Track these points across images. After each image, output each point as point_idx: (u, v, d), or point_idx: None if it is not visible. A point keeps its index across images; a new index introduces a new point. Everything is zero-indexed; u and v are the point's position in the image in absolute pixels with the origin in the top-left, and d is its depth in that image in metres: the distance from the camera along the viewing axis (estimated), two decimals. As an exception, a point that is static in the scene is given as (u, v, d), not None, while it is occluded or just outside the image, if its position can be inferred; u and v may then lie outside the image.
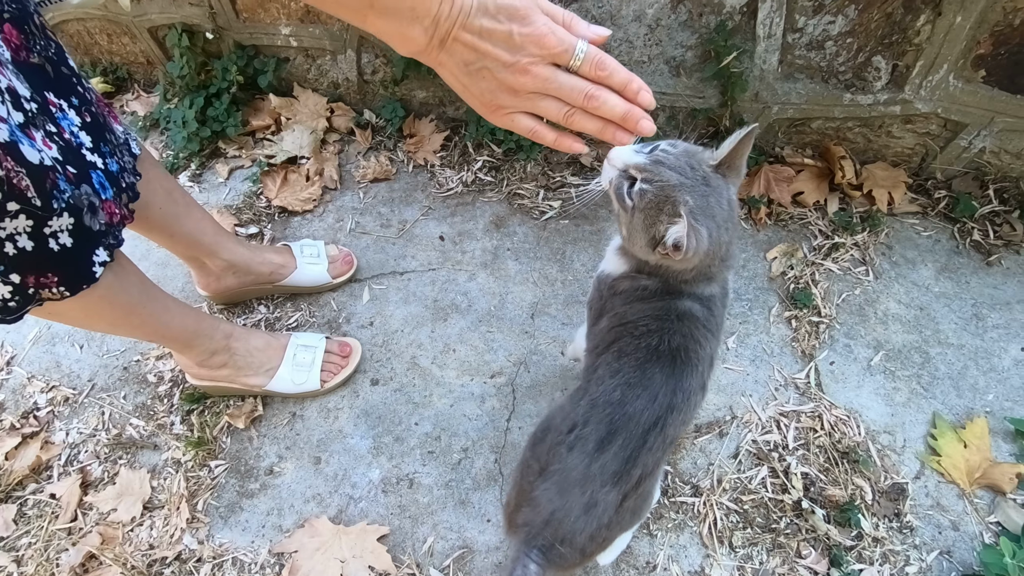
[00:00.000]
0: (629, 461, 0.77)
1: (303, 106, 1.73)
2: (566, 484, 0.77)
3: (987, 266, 1.39)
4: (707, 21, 1.31)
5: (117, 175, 0.87)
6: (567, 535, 0.77)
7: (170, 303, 1.04)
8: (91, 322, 0.95)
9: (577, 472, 0.77)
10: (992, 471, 1.10)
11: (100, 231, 0.80)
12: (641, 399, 0.78)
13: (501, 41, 0.58)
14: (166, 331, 1.04)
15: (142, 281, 0.95)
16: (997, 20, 1.16)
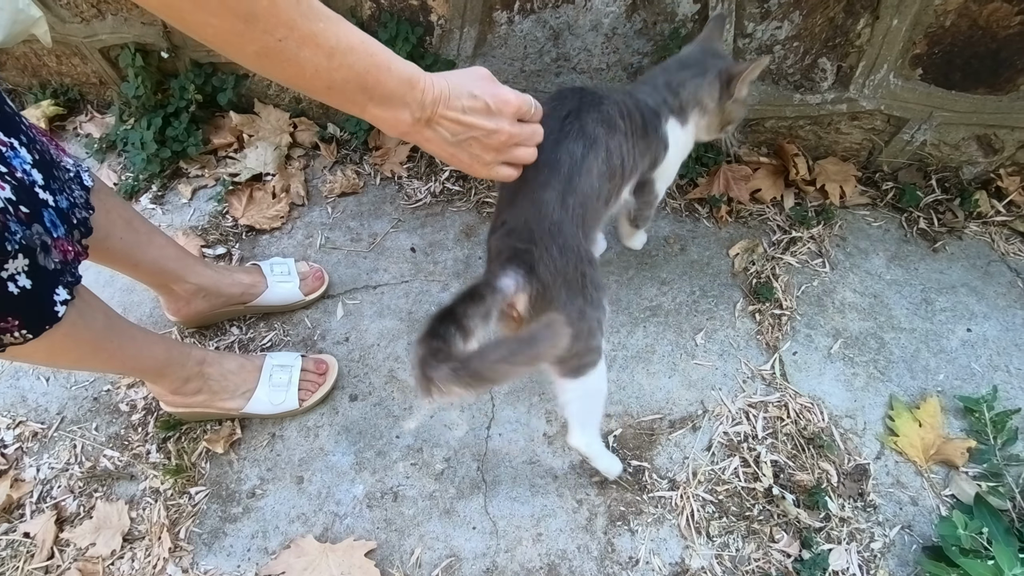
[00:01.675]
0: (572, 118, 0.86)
1: (265, 122, 1.72)
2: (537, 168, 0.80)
3: (933, 252, 1.47)
4: (661, 29, 1.35)
5: (67, 211, 0.86)
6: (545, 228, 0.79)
7: (137, 334, 1.02)
8: (56, 360, 0.94)
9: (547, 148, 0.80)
10: (945, 447, 1.17)
11: (56, 270, 0.79)
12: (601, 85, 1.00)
13: (482, 113, 0.69)
14: (135, 363, 1.03)
15: (107, 314, 0.94)
16: (930, 22, 1.23)
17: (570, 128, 0.85)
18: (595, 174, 0.85)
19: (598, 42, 1.40)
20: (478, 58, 1.48)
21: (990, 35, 1.23)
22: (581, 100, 0.88)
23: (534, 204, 0.80)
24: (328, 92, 0.61)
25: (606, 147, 0.87)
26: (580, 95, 0.90)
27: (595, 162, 0.85)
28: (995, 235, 1.49)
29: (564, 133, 0.84)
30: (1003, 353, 1.31)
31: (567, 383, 0.90)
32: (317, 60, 0.58)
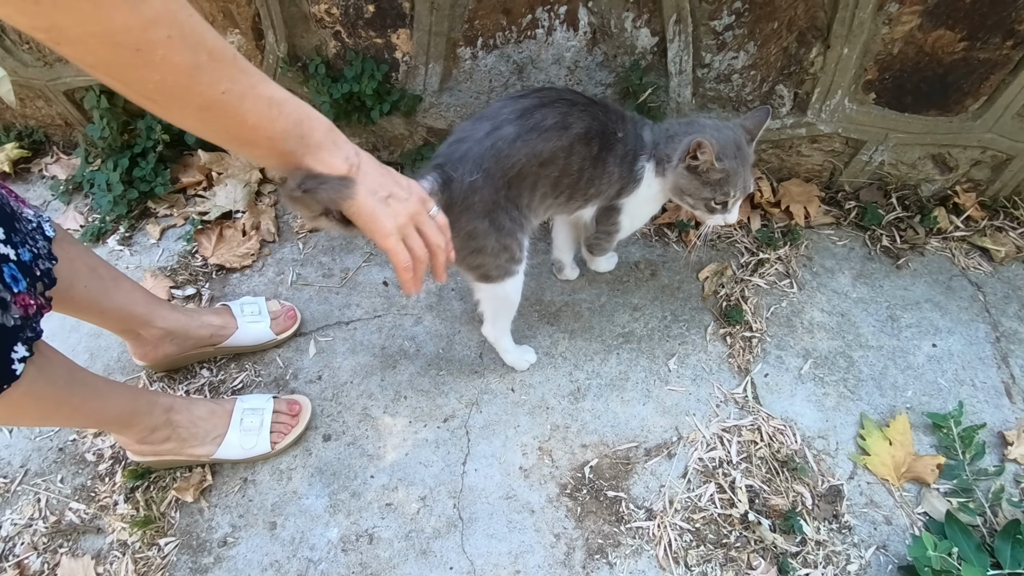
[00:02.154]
0: (536, 106, 0.99)
1: (235, 159, 1.72)
2: (480, 118, 1.00)
3: (897, 269, 1.50)
4: (622, 61, 1.38)
5: (30, 264, 0.85)
6: (466, 152, 0.97)
7: (102, 386, 1.01)
8: (16, 419, 0.92)
9: (493, 110, 1.01)
10: (916, 465, 1.18)
11: (15, 326, 0.78)
12: (570, 90, 1.06)
13: (396, 180, 0.75)
14: (100, 416, 1.01)
15: (69, 369, 0.93)
16: (879, 50, 1.27)
17: (533, 109, 0.99)
18: (534, 156, 0.99)
19: (561, 75, 1.42)
20: (444, 92, 1.50)
21: (936, 61, 1.27)
22: (561, 97, 1.02)
23: (478, 144, 0.97)
24: (269, 144, 0.62)
25: (557, 144, 1.00)
26: (570, 96, 1.03)
27: (538, 146, 0.99)
28: (955, 250, 1.52)
29: (527, 110, 0.99)
30: (968, 367, 1.33)
31: (479, 285, 1.12)
32: (259, 110, 0.58)
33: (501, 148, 0.97)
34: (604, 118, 1.05)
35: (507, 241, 1.04)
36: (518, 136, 0.97)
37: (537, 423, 1.28)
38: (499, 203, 1.00)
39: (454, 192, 0.97)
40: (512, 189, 1.01)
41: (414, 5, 1.32)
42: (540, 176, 1.03)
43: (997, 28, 1.20)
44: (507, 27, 1.34)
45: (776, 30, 1.28)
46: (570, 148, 1.02)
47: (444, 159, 0.99)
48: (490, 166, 0.97)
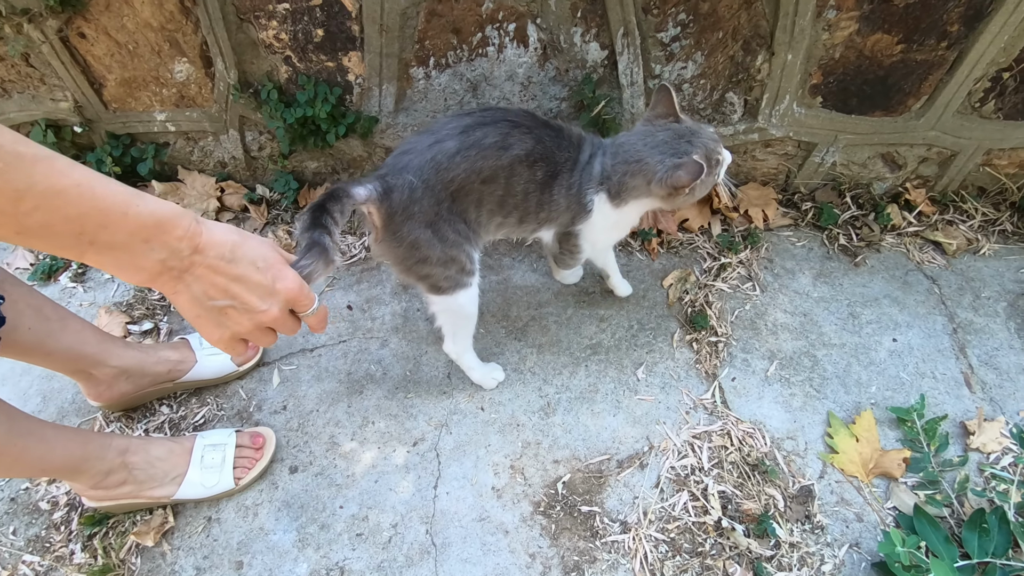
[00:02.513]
0: (478, 124, 1.00)
1: (191, 188, 1.68)
2: (425, 131, 1.03)
3: (855, 267, 1.53)
4: (574, 75, 1.39)
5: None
6: (407, 162, 0.99)
7: (48, 432, 0.96)
8: None
9: (438, 124, 1.03)
10: (883, 460, 1.19)
11: None
12: (520, 111, 1.05)
13: (257, 288, 0.64)
14: (47, 464, 0.97)
15: (10, 417, 0.89)
16: (821, 55, 1.31)
17: (476, 126, 1.01)
18: (474, 172, 1.00)
19: (515, 91, 1.43)
20: (400, 112, 1.50)
21: (877, 63, 1.31)
22: (506, 118, 1.03)
23: (419, 156, 0.99)
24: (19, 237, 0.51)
25: (496, 164, 1.01)
26: (516, 118, 1.03)
27: (478, 163, 1.00)
28: (910, 245, 1.56)
29: (469, 127, 1.00)
30: (928, 360, 1.36)
31: (431, 297, 1.13)
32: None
33: (441, 161, 0.99)
34: (551, 143, 1.05)
35: (453, 252, 1.05)
36: (458, 151, 0.99)
37: (508, 441, 1.26)
38: (441, 215, 1.02)
39: (394, 201, 0.98)
40: (456, 203, 1.03)
41: (363, 28, 1.31)
42: (484, 193, 1.04)
43: (931, 30, 1.24)
44: (458, 46, 1.35)
45: (721, 40, 1.30)
46: (510, 169, 1.02)
47: (388, 169, 1.01)
48: (430, 177, 0.99)
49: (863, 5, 1.21)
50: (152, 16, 1.33)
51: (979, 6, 1.19)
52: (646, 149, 1.05)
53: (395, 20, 1.29)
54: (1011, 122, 1.41)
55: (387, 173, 1.00)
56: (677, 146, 1.03)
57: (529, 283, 1.52)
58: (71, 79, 1.46)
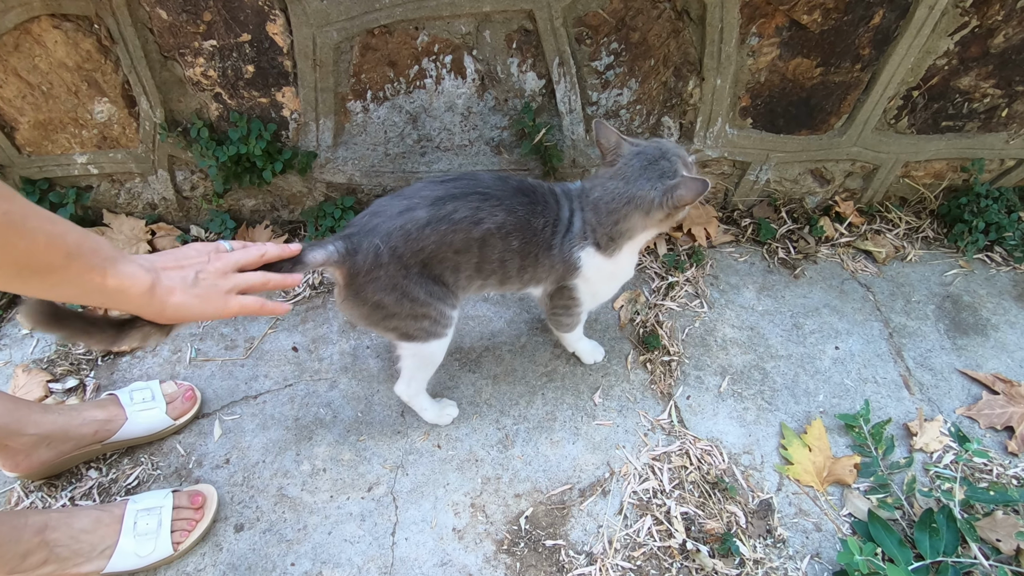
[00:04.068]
0: (450, 196, 0.97)
1: (117, 233, 1.59)
2: (397, 196, 1.00)
3: (795, 279, 1.58)
4: (514, 104, 1.40)
5: None
6: (375, 226, 0.96)
7: None
8: None
9: (410, 191, 1.00)
10: (835, 467, 1.22)
11: None
12: (496, 182, 1.01)
13: (194, 253, 0.78)
14: None
15: None
16: (748, 79, 1.36)
17: (447, 199, 0.98)
18: (445, 244, 0.98)
19: (456, 121, 1.43)
20: (340, 146, 1.46)
21: (799, 86, 1.37)
22: (477, 190, 1.00)
23: (388, 221, 0.96)
24: (68, 262, 0.57)
25: (468, 236, 0.99)
26: (487, 188, 1.00)
27: (448, 236, 0.98)
28: (843, 255, 1.63)
29: (441, 199, 0.97)
30: (869, 365, 1.41)
31: (400, 343, 1.11)
32: (46, 227, 0.54)
33: (410, 231, 0.96)
34: (524, 212, 1.01)
35: (424, 310, 1.03)
36: (428, 223, 0.96)
37: (467, 478, 1.23)
38: (410, 278, 0.99)
39: (358, 262, 0.96)
40: (428, 268, 1.01)
41: (296, 63, 1.28)
42: (459, 261, 1.02)
43: (845, 54, 1.31)
44: (395, 79, 1.33)
45: (654, 67, 1.34)
46: (483, 241, 1.00)
47: (356, 229, 0.98)
48: (398, 245, 0.96)
49: (782, 32, 1.27)
50: (67, 56, 1.26)
51: (886, 30, 1.27)
52: (629, 187, 0.99)
53: (328, 55, 1.27)
54: (923, 136, 1.51)
55: (353, 233, 0.97)
56: (657, 169, 0.98)
57: (481, 313, 1.50)
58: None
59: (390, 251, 0.96)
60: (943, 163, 1.59)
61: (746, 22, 1.26)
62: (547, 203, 1.05)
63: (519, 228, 1.02)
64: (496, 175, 1.04)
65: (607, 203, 1.02)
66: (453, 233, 0.98)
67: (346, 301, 1.02)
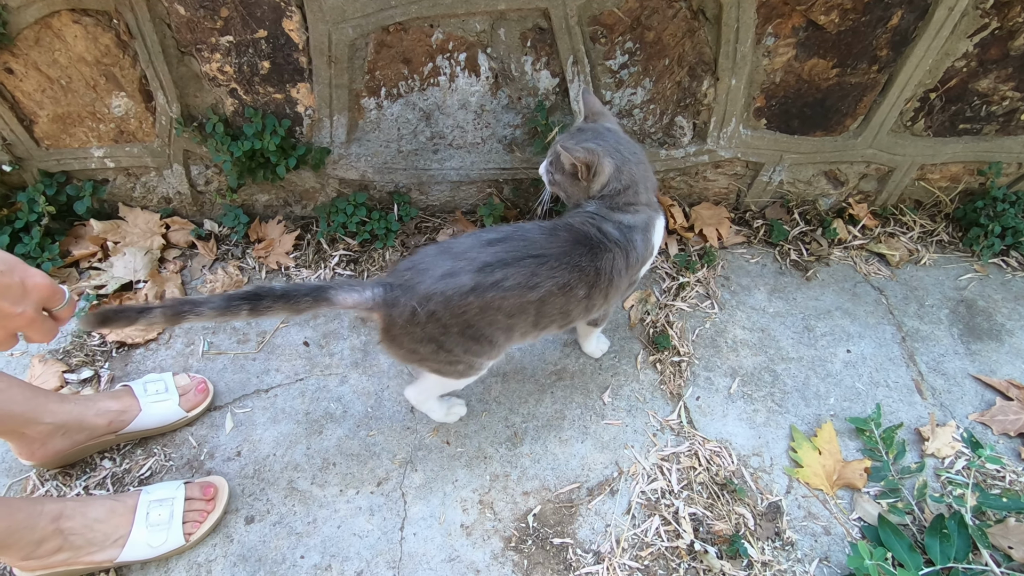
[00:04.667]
0: (500, 262, 0.93)
1: (133, 226, 1.61)
2: (446, 251, 0.95)
3: (807, 281, 1.57)
4: (527, 103, 1.40)
5: None
6: (415, 284, 0.92)
7: None
8: None
9: (460, 248, 0.95)
10: (845, 471, 1.21)
11: None
12: (543, 237, 0.98)
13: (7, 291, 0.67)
14: None
15: None
16: (763, 80, 1.35)
17: (496, 266, 0.93)
18: (493, 309, 0.95)
19: (469, 119, 1.43)
20: (353, 143, 1.47)
21: (815, 87, 1.36)
22: (530, 254, 0.95)
23: (430, 282, 0.91)
24: None
25: (522, 300, 0.96)
26: (542, 250, 0.96)
27: (497, 303, 0.94)
28: (856, 258, 1.62)
29: (489, 266, 0.93)
30: (881, 369, 1.40)
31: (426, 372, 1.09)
32: None
33: (451, 297, 0.91)
34: (589, 262, 0.99)
35: (461, 360, 1.02)
36: (473, 290, 0.92)
37: (475, 475, 1.23)
38: (449, 336, 0.96)
39: (394, 315, 0.94)
40: (473, 329, 0.97)
41: (311, 59, 1.29)
42: (512, 323, 0.99)
43: (863, 55, 1.30)
44: (409, 76, 1.34)
45: (668, 66, 1.34)
46: (541, 301, 0.97)
47: (396, 280, 0.95)
48: (436, 309, 0.92)
49: (799, 32, 1.27)
50: (86, 50, 1.28)
51: (905, 31, 1.26)
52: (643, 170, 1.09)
53: (343, 51, 1.28)
54: (940, 139, 1.49)
55: (395, 283, 0.94)
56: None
57: (491, 310, 1.51)
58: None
59: (428, 314, 0.92)
60: (959, 166, 1.57)
61: (762, 22, 1.25)
62: (604, 240, 1.02)
63: (585, 280, 0.99)
64: (545, 229, 1.00)
65: (644, 168, 1.09)
66: (503, 300, 0.94)
67: (383, 342, 1.01)
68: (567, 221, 1.05)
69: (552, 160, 1.13)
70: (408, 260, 0.97)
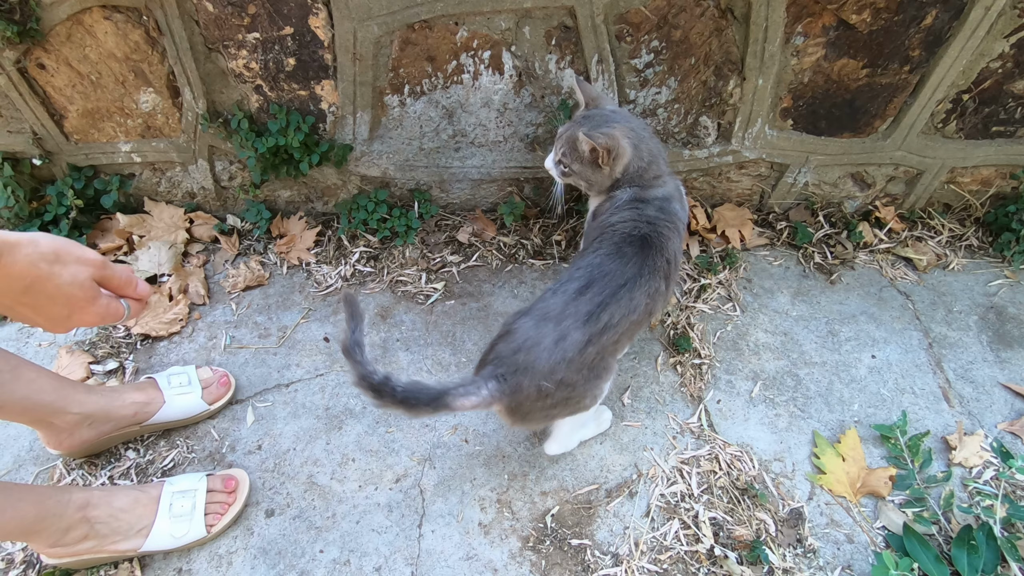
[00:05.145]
0: (600, 306, 0.95)
1: (158, 220, 1.63)
2: (544, 318, 0.95)
3: (831, 285, 1.55)
4: (550, 101, 1.39)
5: None
6: (532, 363, 0.92)
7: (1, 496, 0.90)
8: None
9: (555, 310, 0.95)
10: (869, 479, 1.19)
11: None
12: (616, 263, 1.00)
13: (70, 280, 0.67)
14: None
15: None
16: (791, 80, 1.33)
17: (598, 310, 0.96)
18: (610, 342, 0.98)
19: (491, 117, 1.43)
20: (375, 140, 1.48)
21: (843, 87, 1.34)
22: (622, 283, 0.99)
23: (546, 354, 0.92)
24: None
25: (632, 320, 1.00)
26: (630, 276, 1.00)
27: (611, 337, 0.97)
28: (882, 262, 1.59)
29: (592, 315, 0.95)
30: (907, 375, 1.37)
31: (569, 418, 1.09)
32: None
33: (572, 357, 0.93)
34: (658, 260, 1.03)
35: (587, 396, 1.02)
36: (589, 342, 0.94)
37: (494, 474, 1.23)
38: (577, 387, 0.98)
39: (521, 399, 0.95)
40: (595, 370, 1.00)
41: (336, 57, 1.30)
42: (620, 345, 1.04)
43: (894, 55, 1.27)
44: (433, 74, 1.34)
45: (694, 66, 1.32)
46: (643, 314, 1.02)
47: (505, 367, 0.94)
48: (564, 375, 0.94)
49: (829, 32, 1.24)
50: (116, 46, 1.29)
51: (939, 32, 1.23)
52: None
53: (368, 49, 1.28)
54: (972, 141, 1.46)
55: (505, 372, 0.94)
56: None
57: (510, 308, 1.50)
58: (29, 111, 1.41)
59: (556, 383, 0.94)
60: (991, 169, 1.53)
61: (792, 21, 1.23)
62: (656, 230, 1.06)
63: (663, 274, 1.03)
64: (612, 254, 1.02)
65: (656, 140, 1.14)
66: (615, 334, 0.98)
67: (513, 423, 1.03)
68: (619, 232, 1.06)
69: (566, 151, 1.13)
70: (508, 342, 0.96)
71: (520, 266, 1.60)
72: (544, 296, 1.00)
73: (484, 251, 1.62)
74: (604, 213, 1.12)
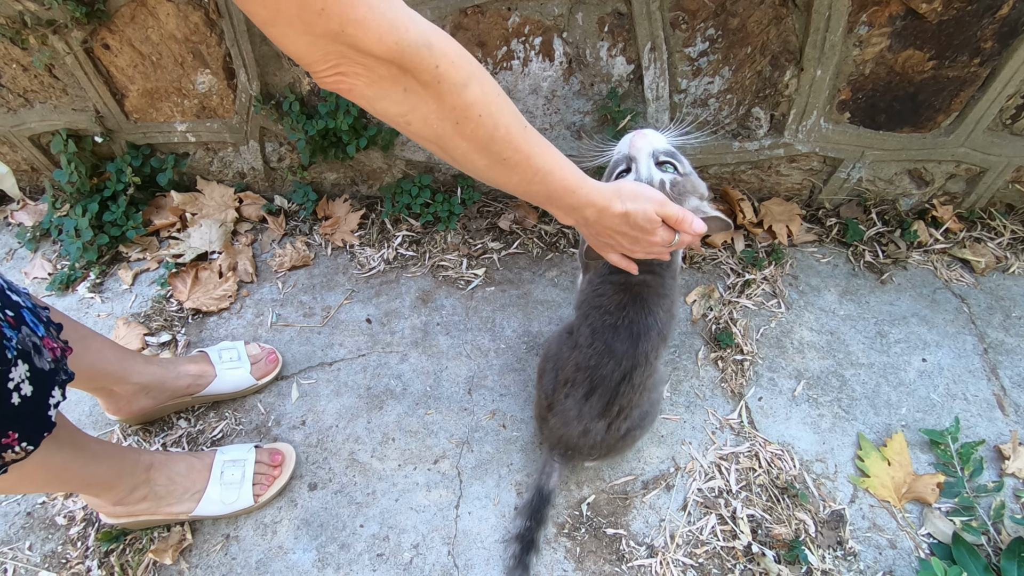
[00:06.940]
0: (608, 404, 1.04)
1: (209, 199, 1.68)
2: (566, 419, 1.07)
3: (881, 284, 1.50)
4: (599, 89, 1.38)
5: (35, 308, 0.81)
6: (574, 448, 1.09)
7: (97, 449, 0.96)
8: (19, 488, 0.88)
9: (572, 412, 1.06)
10: (916, 485, 1.16)
11: (51, 370, 0.75)
12: (609, 365, 1.03)
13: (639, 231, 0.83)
14: (92, 479, 0.97)
15: (71, 433, 0.89)
16: (851, 71, 1.29)
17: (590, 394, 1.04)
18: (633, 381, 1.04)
19: (539, 104, 1.42)
20: (422, 125, 1.48)
21: (907, 80, 1.29)
22: (617, 325, 1.03)
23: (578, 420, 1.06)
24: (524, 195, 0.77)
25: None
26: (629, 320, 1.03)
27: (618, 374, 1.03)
28: (937, 263, 1.53)
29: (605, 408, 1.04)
30: (959, 381, 1.33)
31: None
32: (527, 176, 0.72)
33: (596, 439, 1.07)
34: (658, 308, 1.04)
35: (648, 416, 1.12)
36: (610, 426, 1.06)
37: (531, 460, 1.24)
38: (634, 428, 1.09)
39: (580, 461, 1.14)
40: (639, 408, 1.08)
41: (388, 41, 1.30)
42: (647, 378, 1.08)
43: (964, 47, 1.22)
44: (483, 59, 1.34)
45: (750, 55, 1.29)
46: (654, 359, 1.06)
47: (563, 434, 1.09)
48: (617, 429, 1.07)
49: (895, 22, 1.19)
50: (177, 28, 1.33)
51: (1014, 23, 1.17)
52: None
53: (420, 33, 1.28)
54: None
55: (563, 436, 1.09)
56: None
57: (550, 298, 1.51)
58: (94, 90, 1.46)
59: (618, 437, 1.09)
60: (1061, 169, 1.46)
61: (856, 10, 1.18)
62: (650, 274, 1.03)
63: (663, 305, 1.04)
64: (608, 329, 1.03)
65: None
66: (633, 391, 1.04)
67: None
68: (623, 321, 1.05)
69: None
70: (548, 433, 1.12)
71: (561, 255, 1.59)
72: (559, 398, 1.08)
73: (525, 239, 1.62)
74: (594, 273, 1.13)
